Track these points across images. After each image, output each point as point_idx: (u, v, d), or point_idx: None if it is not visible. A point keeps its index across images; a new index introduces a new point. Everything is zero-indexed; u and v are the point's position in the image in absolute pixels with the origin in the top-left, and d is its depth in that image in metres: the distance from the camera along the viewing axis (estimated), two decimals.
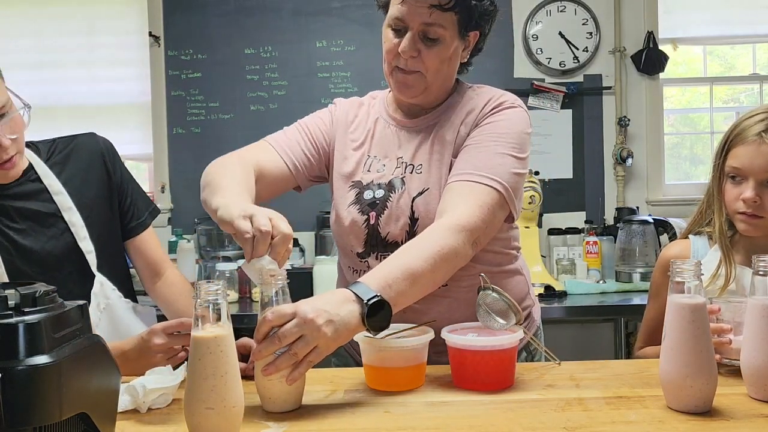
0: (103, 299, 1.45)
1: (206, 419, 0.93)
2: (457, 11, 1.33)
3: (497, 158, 1.34)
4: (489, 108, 1.41)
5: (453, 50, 1.38)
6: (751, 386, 1.08)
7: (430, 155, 1.40)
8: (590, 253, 3.03)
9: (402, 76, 1.38)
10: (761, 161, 1.31)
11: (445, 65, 1.38)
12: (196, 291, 0.95)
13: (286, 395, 1.06)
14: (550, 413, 1.03)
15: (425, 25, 1.33)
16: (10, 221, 1.40)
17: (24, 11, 3.38)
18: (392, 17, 1.36)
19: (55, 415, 0.75)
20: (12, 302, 0.77)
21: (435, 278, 1.23)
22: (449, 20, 1.34)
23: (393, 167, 1.43)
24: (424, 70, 1.36)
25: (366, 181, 1.44)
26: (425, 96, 1.42)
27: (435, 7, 1.31)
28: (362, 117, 1.52)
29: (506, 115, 1.41)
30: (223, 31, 3.35)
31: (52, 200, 1.43)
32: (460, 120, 1.41)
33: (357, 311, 1.10)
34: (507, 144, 1.37)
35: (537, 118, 3.33)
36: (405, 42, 1.34)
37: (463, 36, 1.39)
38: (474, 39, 1.43)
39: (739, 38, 3.47)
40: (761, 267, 1.07)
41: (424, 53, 1.35)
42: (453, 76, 1.45)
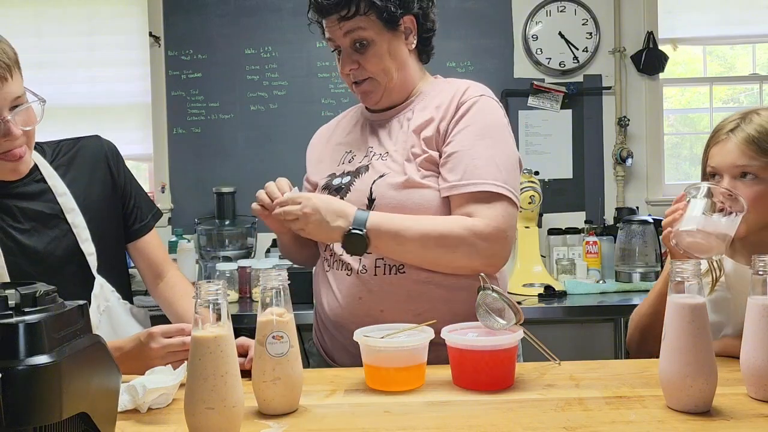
0: (103, 301, 1.45)
1: (206, 419, 0.93)
2: (365, 12, 1.39)
3: (492, 161, 1.36)
4: (459, 101, 1.42)
5: (389, 45, 1.43)
6: (751, 386, 1.08)
7: (398, 143, 1.45)
8: (590, 253, 3.02)
9: (359, 87, 1.48)
10: (730, 157, 1.35)
11: (389, 62, 1.44)
12: (196, 291, 0.96)
13: (281, 398, 1.06)
14: (550, 413, 1.03)
15: (349, 38, 1.41)
16: (13, 221, 1.40)
17: (24, 11, 3.38)
18: (328, 42, 1.47)
19: (56, 415, 0.75)
20: (12, 302, 0.77)
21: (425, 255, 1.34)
22: (367, 22, 1.40)
23: (362, 156, 1.50)
24: (371, 75, 1.44)
25: (338, 172, 1.51)
26: (389, 96, 1.48)
27: (342, 20, 1.40)
28: (348, 120, 1.62)
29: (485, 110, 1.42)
30: (223, 31, 3.35)
31: (56, 201, 1.43)
32: (430, 112, 1.44)
33: (342, 229, 1.32)
34: (494, 143, 1.39)
35: (537, 118, 3.33)
36: (342, 61, 1.45)
37: (393, 27, 1.43)
38: (411, 22, 1.46)
39: (738, 38, 3.47)
40: (761, 267, 1.07)
41: (362, 60, 1.43)
42: (407, 67, 1.48)
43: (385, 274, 1.38)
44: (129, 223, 1.55)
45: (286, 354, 1.05)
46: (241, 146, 3.34)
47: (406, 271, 1.38)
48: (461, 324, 1.26)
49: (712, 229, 1.24)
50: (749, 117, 1.37)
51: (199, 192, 3.29)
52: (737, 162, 1.34)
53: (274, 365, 1.04)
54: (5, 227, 1.39)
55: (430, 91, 1.49)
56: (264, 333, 1.05)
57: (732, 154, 1.35)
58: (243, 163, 3.33)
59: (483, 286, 1.24)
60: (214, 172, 3.31)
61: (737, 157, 1.34)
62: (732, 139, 1.36)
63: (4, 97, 1.22)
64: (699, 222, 1.25)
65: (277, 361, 1.04)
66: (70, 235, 1.43)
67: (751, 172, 1.33)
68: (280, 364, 1.04)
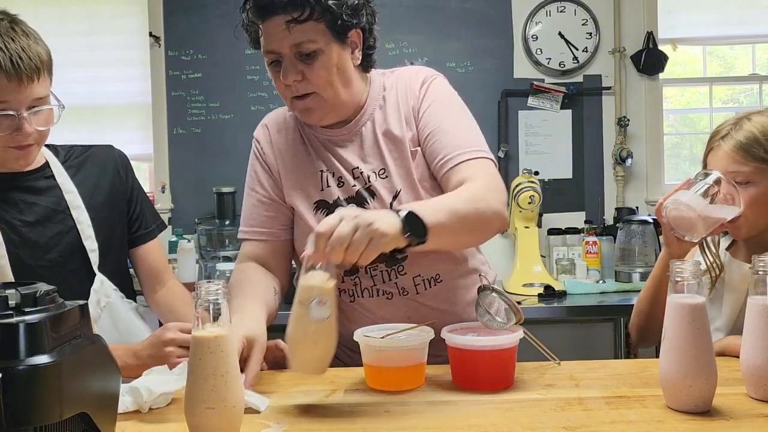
0: (103, 297, 1.46)
1: (207, 419, 0.93)
2: (318, 17, 1.27)
3: (470, 132, 1.38)
4: (419, 85, 1.41)
5: (337, 57, 1.32)
6: (751, 386, 1.08)
7: (389, 157, 1.39)
8: (590, 253, 3.02)
9: (300, 102, 1.34)
10: (721, 164, 1.39)
11: (335, 76, 1.32)
12: (196, 291, 0.96)
13: (318, 361, 1.09)
14: (549, 413, 1.03)
15: (295, 46, 1.28)
16: (19, 213, 1.40)
17: (24, 11, 3.37)
18: (264, 52, 1.33)
19: (56, 415, 0.75)
20: (12, 302, 0.77)
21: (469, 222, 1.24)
22: (317, 30, 1.28)
23: (351, 179, 1.40)
24: (316, 89, 1.32)
25: (331, 199, 1.40)
26: (335, 112, 1.38)
27: (291, 23, 1.26)
28: (293, 131, 1.47)
29: (442, 88, 1.43)
30: (223, 31, 3.34)
31: (63, 198, 1.44)
32: (399, 111, 1.40)
33: (394, 215, 1.13)
34: (465, 116, 1.40)
35: (537, 118, 3.33)
36: (284, 71, 1.30)
37: (342, 39, 1.32)
38: (359, 37, 1.36)
39: (738, 38, 3.47)
40: (761, 267, 1.07)
41: (308, 72, 1.30)
42: (353, 81, 1.38)
43: (426, 289, 1.40)
44: (133, 228, 1.57)
45: (327, 319, 1.06)
46: (241, 146, 3.33)
47: (443, 279, 1.41)
48: (461, 324, 1.27)
49: (701, 209, 1.28)
50: (740, 123, 1.40)
51: (199, 192, 3.29)
52: (728, 168, 1.37)
53: (316, 328, 1.05)
54: (10, 219, 1.39)
55: (378, 92, 1.43)
56: (308, 296, 1.05)
57: (723, 161, 1.38)
58: (243, 163, 3.26)
59: (483, 286, 1.24)
60: (214, 172, 3.31)
61: (728, 164, 1.37)
62: (723, 147, 1.39)
63: (26, 96, 1.26)
64: (690, 198, 1.29)
65: (319, 324, 1.05)
66: (73, 231, 1.43)
67: (742, 177, 1.36)
68: (322, 328, 1.05)
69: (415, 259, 1.38)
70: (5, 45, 1.22)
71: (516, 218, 3.02)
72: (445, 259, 1.42)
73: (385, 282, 1.39)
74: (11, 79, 1.23)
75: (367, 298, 1.41)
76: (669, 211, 1.32)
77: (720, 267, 1.43)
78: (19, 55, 1.23)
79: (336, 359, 1.48)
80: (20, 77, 1.24)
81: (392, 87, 1.44)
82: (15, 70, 1.22)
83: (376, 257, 1.08)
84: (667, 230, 1.35)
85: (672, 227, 1.33)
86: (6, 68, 1.21)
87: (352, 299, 1.42)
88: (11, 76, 1.23)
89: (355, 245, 1.05)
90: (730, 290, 1.40)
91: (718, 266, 1.43)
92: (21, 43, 1.25)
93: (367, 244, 1.06)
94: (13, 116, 1.27)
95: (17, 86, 1.24)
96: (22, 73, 1.23)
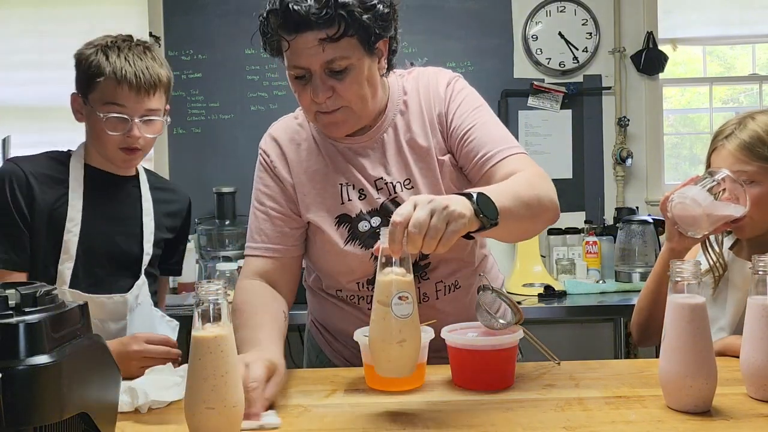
0: (143, 295, 1.56)
1: (207, 419, 0.93)
2: (352, 34, 1.21)
3: (505, 131, 1.36)
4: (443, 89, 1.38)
5: (368, 70, 1.27)
6: (750, 386, 1.08)
7: (414, 167, 1.35)
8: (590, 253, 3.03)
9: (327, 117, 1.29)
10: (726, 164, 1.38)
11: (366, 89, 1.27)
12: (196, 291, 0.96)
13: (407, 359, 1.03)
14: (549, 413, 1.03)
15: (327, 63, 1.22)
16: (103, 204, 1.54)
17: (24, 11, 3.38)
18: (290, 67, 1.26)
19: (56, 415, 0.75)
20: (12, 302, 0.78)
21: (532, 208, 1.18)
22: (349, 46, 1.22)
23: (374, 191, 1.35)
24: (346, 103, 1.27)
25: (353, 213, 1.36)
26: (360, 123, 1.33)
27: (325, 41, 1.20)
28: (308, 141, 1.41)
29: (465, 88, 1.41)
30: (223, 31, 3.35)
31: (141, 205, 1.60)
32: (423, 116, 1.36)
33: (467, 200, 1.05)
34: (493, 115, 1.39)
35: (537, 118, 3.33)
36: (314, 89, 1.24)
37: (372, 51, 1.27)
38: (385, 46, 1.31)
39: (738, 38, 3.47)
40: (761, 267, 1.07)
41: (339, 87, 1.25)
42: (379, 90, 1.33)
43: (445, 294, 1.41)
44: (167, 256, 1.68)
45: (411, 315, 1.01)
46: (241, 146, 3.34)
47: (461, 285, 1.42)
48: (461, 324, 1.27)
49: (706, 205, 1.28)
50: (744, 122, 1.40)
51: (199, 192, 3.28)
52: (732, 168, 1.37)
53: (401, 326, 1.01)
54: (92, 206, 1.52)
55: (398, 96, 1.39)
56: (388, 293, 1.00)
57: (727, 160, 1.38)
58: (243, 163, 3.31)
59: (483, 286, 1.24)
60: (214, 172, 3.31)
61: (732, 164, 1.37)
62: (727, 146, 1.39)
63: (141, 105, 1.48)
64: (696, 193, 1.29)
65: (403, 322, 1.01)
66: (138, 232, 1.57)
67: (746, 177, 1.36)
68: (407, 326, 1.01)
69: (438, 266, 1.38)
70: (134, 62, 1.48)
71: None
72: (465, 265, 1.43)
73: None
74: (131, 89, 1.46)
75: None
76: (674, 205, 1.32)
77: (723, 266, 1.42)
78: (143, 71, 1.47)
79: (345, 360, 1.49)
80: (139, 89, 1.46)
81: (413, 91, 1.39)
82: (137, 83, 1.46)
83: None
84: (671, 225, 1.36)
85: (676, 221, 1.33)
86: (130, 80, 1.45)
87: (370, 306, 1.41)
88: (132, 86, 1.45)
89: (432, 231, 0.97)
90: (734, 290, 1.40)
91: (722, 266, 1.42)
92: (147, 62, 1.49)
93: (445, 229, 0.99)
94: (127, 120, 1.47)
95: (136, 96, 1.47)
96: (141, 86, 1.46)
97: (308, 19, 1.18)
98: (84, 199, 1.51)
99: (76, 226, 1.48)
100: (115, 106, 1.46)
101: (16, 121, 3.31)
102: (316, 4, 1.18)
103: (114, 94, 1.46)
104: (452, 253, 1.32)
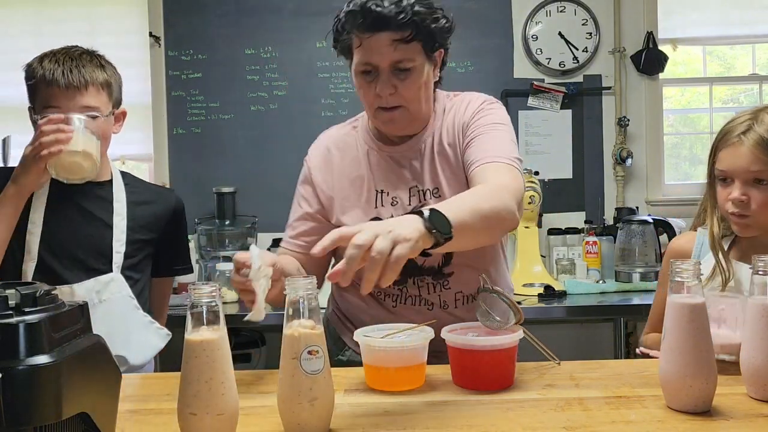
0: (107, 293, 1.55)
1: (190, 424, 0.92)
2: (420, 39, 1.35)
3: (506, 145, 1.39)
4: (476, 106, 1.45)
5: (426, 75, 1.40)
6: (750, 386, 1.08)
7: (442, 175, 1.43)
8: (590, 253, 3.03)
9: (386, 114, 1.40)
10: (743, 162, 1.32)
11: (422, 91, 1.40)
12: (190, 293, 0.94)
13: (317, 420, 0.95)
14: (549, 413, 1.03)
15: (395, 63, 1.35)
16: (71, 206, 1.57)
17: (24, 11, 3.38)
18: (360, 63, 1.37)
19: (55, 415, 0.75)
20: (12, 302, 0.77)
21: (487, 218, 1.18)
22: (415, 49, 1.35)
23: (407, 197, 1.45)
24: (405, 103, 1.38)
25: (384, 217, 1.43)
26: (412, 125, 1.44)
27: (397, 42, 1.33)
28: (352, 149, 1.51)
29: (495, 110, 1.45)
30: (223, 31, 3.35)
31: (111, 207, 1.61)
32: (452, 132, 1.44)
33: (417, 218, 1.05)
34: (507, 134, 1.42)
35: (537, 118, 3.33)
36: (380, 84, 1.36)
37: (432, 58, 1.41)
38: (440, 56, 1.45)
39: (738, 38, 3.47)
40: (761, 267, 1.07)
41: (401, 87, 1.36)
42: (432, 97, 1.46)
43: (464, 304, 1.46)
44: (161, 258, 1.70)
45: (322, 370, 0.95)
46: (241, 146, 3.34)
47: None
48: (461, 324, 1.27)
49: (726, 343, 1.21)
50: (761, 117, 1.33)
51: (199, 192, 3.28)
52: (751, 167, 1.31)
53: (311, 384, 0.94)
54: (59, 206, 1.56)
55: (441, 112, 1.48)
56: (297, 348, 0.94)
57: (745, 158, 1.31)
58: (243, 163, 3.33)
59: (483, 286, 1.25)
60: (214, 172, 3.31)
61: (751, 162, 1.31)
62: (745, 143, 1.31)
63: (74, 102, 1.49)
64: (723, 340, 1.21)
65: (313, 379, 0.94)
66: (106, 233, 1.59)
67: (765, 177, 1.31)
68: (317, 383, 0.94)
69: (460, 275, 1.44)
70: (63, 62, 1.50)
71: None
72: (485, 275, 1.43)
73: (430, 293, 1.45)
74: (61, 88, 1.48)
75: (410, 306, 1.46)
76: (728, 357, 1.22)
77: (730, 269, 1.38)
78: (70, 70, 1.49)
79: (349, 361, 1.50)
80: (68, 87, 1.48)
81: (451, 108, 1.47)
82: (65, 82, 1.48)
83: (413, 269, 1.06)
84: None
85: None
86: (57, 79, 1.48)
87: (394, 305, 1.47)
88: (61, 86, 1.48)
89: (377, 255, 0.95)
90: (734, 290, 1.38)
91: (729, 268, 1.38)
92: (80, 63, 1.51)
93: (390, 253, 0.97)
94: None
95: (65, 93, 1.49)
96: (69, 84, 1.48)
97: (387, 20, 1.31)
98: (49, 202, 1.55)
99: (37, 228, 1.53)
100: (50, 108, 1.49)
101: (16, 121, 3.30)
102: (396, 8, 1.31)
103: (48, 97, 1.50)
104: (474, 261, 1.43)
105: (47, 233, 1.54)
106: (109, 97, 1.57)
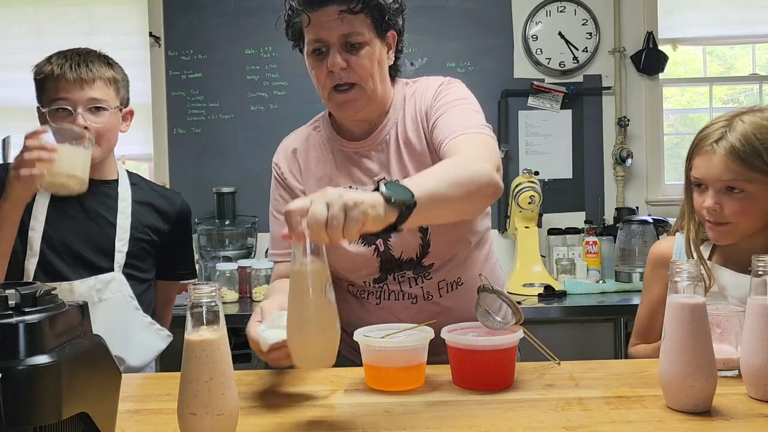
0: (109, 292, 1.55)
1: (189, 424, 0.92)
2: (367, 12, 1.34)
3: (470, 116, 1.37)
4: (434, 88, 1.43)
5: (378, 53, 1.38)
6: (750, 386, 1.08)
7: (410, 166, 1.40)
8: (590, 253, 3.03)
9: (341, 95, 1.38)
10: (715, 171, 1.32)
11: (376, 68, 1.38)
12: (189, 293, 0.94)
13: (321, 349, 0.98)
14: (549, 413, 1.03)
15: (344, 36, 1.34)
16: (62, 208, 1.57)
17: (24, 11, 3.38)
18: (311, 41, 1.36)
19: (55, 415, 0.75)
20: (12, 302, 0.77)
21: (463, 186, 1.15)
22: (364, 23, 1.35)
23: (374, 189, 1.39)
24: (358, 80, 1.36)
25: None
26: (369, 108, 1.41)
27: (344, 12, 1.32)
28: (316, 149, 1.51)
29: (453, 87, 1.44)
30: (223, 31, 3.35)
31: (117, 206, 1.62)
32: (416, 120, 1.42)
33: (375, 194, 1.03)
34: (470, 105, 1.40)
35: (537, 118, 3.33)
36: (331, 58, 1.34)
37: (383, 37, 1.39)
38: (393, 39, 1.43)
39: (738, 38, 3.47)
40: (760, 267, 1.07)
41: (353, 61, 1.35)
42: (387, 80, 1.44)
43: (448, 292, 1.45)
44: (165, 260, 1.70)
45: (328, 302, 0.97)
46: (241, 146, 3.34)
47: (464, 282, 1.45)
48: (461, 324, 1.27)
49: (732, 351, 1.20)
50: (734, 124, 1.32)
51: (199, 192, 3.28)
52: (723, 177, 1.31)
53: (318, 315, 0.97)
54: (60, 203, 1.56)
55: (400, 101, 1.46)
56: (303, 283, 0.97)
57: (717, 168, 1.31)
58: (243, 163, 3.33)
59: (483, 286, 1.24)
60: (214, 172, 3.31)
61: (722, 172, 1.31)
62: (717, 151, 1.31)
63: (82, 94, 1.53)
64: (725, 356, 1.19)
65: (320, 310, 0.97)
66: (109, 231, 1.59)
67: (737, 186, 1.31)
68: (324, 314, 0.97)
69: (441, 265, 1.43)
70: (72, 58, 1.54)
71: (516, 218, 3.02)
72: (468, 263, 1.46)
73: (412, 287, 1.44)
74: (69, 81, 1.52)
75: (393, 301, 1.46)
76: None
77: (711, 276, 1.38)
78: (78, 64, 1.53)
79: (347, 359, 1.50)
80: (76, 80, 1.52)
81: (411, 96, 1.46)
82: (73, 76, 1.51)
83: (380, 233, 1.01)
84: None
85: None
86: (65, 72, 1.51)
87: (378, 302, 1.47)
88: (69, 79, 1.51)
89: (333, 222, 0.94)
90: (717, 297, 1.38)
91: (710, 275, 1.39)
92: (88, 59, 1.55)
93: (345, 218, 0.95)
94: (71, 112, 1.52)
95: (74, 85, 1.52)
96: (78, 77, 1.52)
97: None
98: (52, 199, 1.56)
99: (39, 224, 1.55)
100: (58, 100, 1.52)
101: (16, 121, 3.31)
102: None
103: (56, 89, 1.52)
104: (453, 251, 1.42)
105: (49, 230, 1.55)
106: (116, 93, 1.61)
